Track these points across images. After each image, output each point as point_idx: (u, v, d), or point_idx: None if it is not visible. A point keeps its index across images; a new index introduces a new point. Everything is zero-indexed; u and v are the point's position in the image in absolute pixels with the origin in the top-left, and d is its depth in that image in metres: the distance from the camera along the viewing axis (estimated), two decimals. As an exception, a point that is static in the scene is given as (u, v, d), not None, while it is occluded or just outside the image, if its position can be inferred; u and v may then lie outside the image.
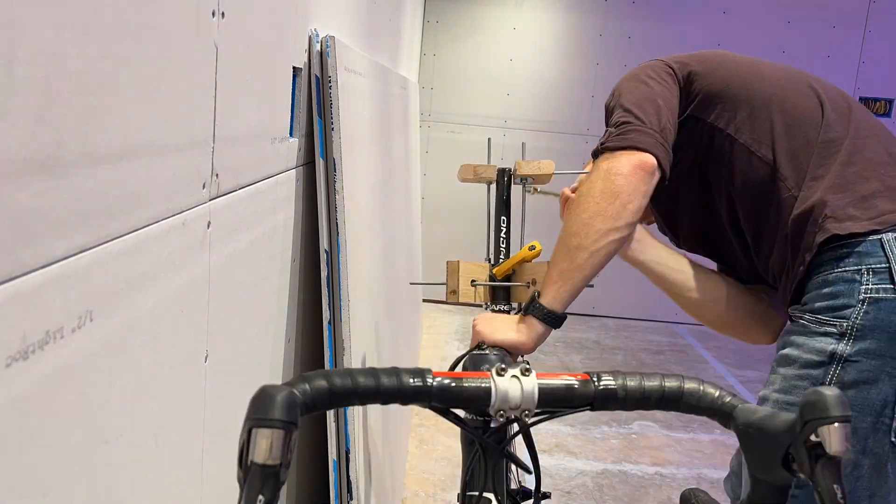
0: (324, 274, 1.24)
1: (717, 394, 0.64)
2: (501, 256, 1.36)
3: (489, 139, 1.67)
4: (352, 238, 1.31)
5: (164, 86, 0.66)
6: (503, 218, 1.38)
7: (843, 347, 0.99)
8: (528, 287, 1.28)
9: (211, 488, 0.89)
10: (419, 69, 4.71)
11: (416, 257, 3.36)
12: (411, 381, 0.63)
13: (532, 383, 0.64)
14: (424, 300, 4.63)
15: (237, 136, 0.90)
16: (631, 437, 3.04)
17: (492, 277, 1.32)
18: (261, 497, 0.53)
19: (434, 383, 0.63)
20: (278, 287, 1.16)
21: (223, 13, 0.81)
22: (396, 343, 2.18)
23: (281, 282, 1.17)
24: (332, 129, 1.22)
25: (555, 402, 0.65)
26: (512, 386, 0.64)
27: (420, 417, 3.13)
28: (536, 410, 0.65)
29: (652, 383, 0.66)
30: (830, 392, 0.54)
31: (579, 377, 0.66)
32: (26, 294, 0.47)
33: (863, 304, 0.99)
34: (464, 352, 1.09)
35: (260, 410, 0.52)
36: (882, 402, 0.98)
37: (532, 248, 1.28)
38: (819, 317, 1.02)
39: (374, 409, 1.58)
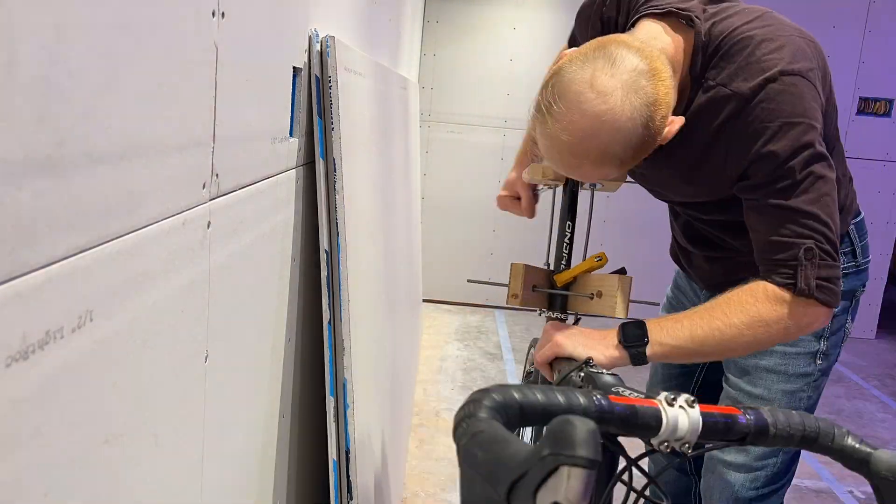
0: (324, 274, 1.24)
1: (849, 438, 0.67)
2: (563, 264, 1.32)
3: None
4: (352, 238, 1.31)
5: (164, 86, 0.66)
6: (568, 223, 1.34)
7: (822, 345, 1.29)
8: (592, 298, 1.24)
9: (211, 488, 0.89)
10: (419, 69, 4.70)
11: (416, 257, 3.36)
12: (587, 402, 0.60)
13: (697, 415, 0.63)
14: (424, 300, 4.63)
15: (237, 136, 0.90)
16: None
17: (552, 284, 1.29)
18: None
19: (615, 408, 0.60)
20: (278, 287, 1.16)
21: (223, 13, 0.81)
22: (397, 343, 2.18)
23: (281, 282, 1.17)
24: (332, 129, 1.22)
25: (713, 435, 0.64)
26: (681, 416, 0.62)
27: (420, 417, 3.13)
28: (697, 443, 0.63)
29: (796, 421, 0.66)
30: None
31: (734, 411, 0.65)
32: (26, 294, 0.47)
33: (843, 279, 1.16)
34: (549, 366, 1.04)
35: (569, 445, 0.43)
36: (839, 341, 1.33)
37: (599, 258, 1.25)
38: None
39: (375, 410, 1.58)
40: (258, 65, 0.97)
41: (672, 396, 0.63)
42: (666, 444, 0.63)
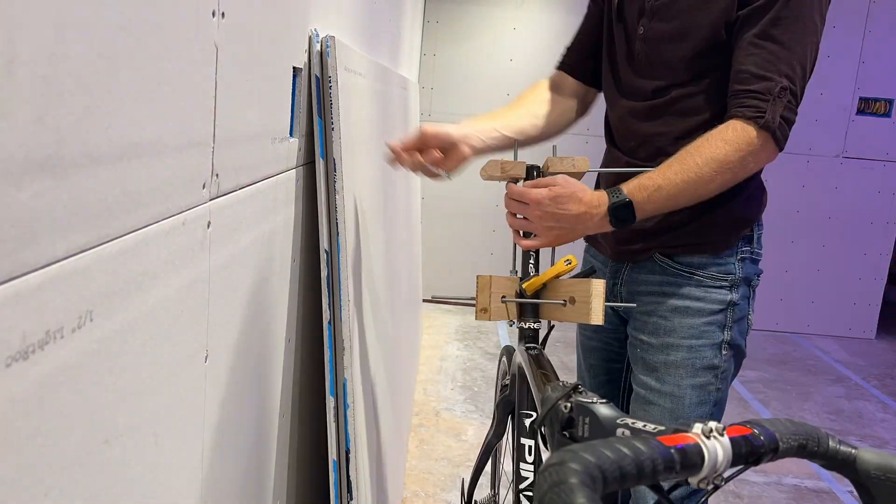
0: (324, 274, 1.24)
1: (831, 441, 0.67)
2: (531, 269, 1.26)
3: (515, 147, 1.55)
4: (352, 238, 1.31)
5: (164, 86, 0.66)
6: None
7: (732, 296, 1.31)
8: (565, 305, 1.19)
9: (211, 488, 0.89)
10: (419, 69, 4.70)
11: (416, 257, 3.36)
12: (650, 451, 0.55)
13: (727, 442, 0.60)
14: (425, 300, 4.63)
15: (237, 136, 0.90)
16: (631, 437, 3.03)
17: (521, 293, 1.22)
18: None
19: (670, 451, 0.56)
20: (278, 287, 1.16)
21: (223, 13, 0.81)
22: (396, 343, 2.18)
23: (281, 282, 1.17)
24: (332, 129, 1.22)
25: (738, 460, 0.61)
26: (717, 447, 0.59)
27: (420, 417, 3.13)
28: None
29: (792, 430, 0.65)
30: None
31: (746, 431, 0.63)
32: (26, 294, 0.47)
33: (739, 263, 1.32)
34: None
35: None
36: (744, 331, 1.35)
37: (568, 262, 1.18)
38: (714, 274, 1.30)
39: (375, 410, 1.58)
40: (258, 65, 0.97)
41: (708, 428, 0.59)
42: (706, 479, 0.58)
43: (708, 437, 0.59)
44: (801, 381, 4.07)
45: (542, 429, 0.91)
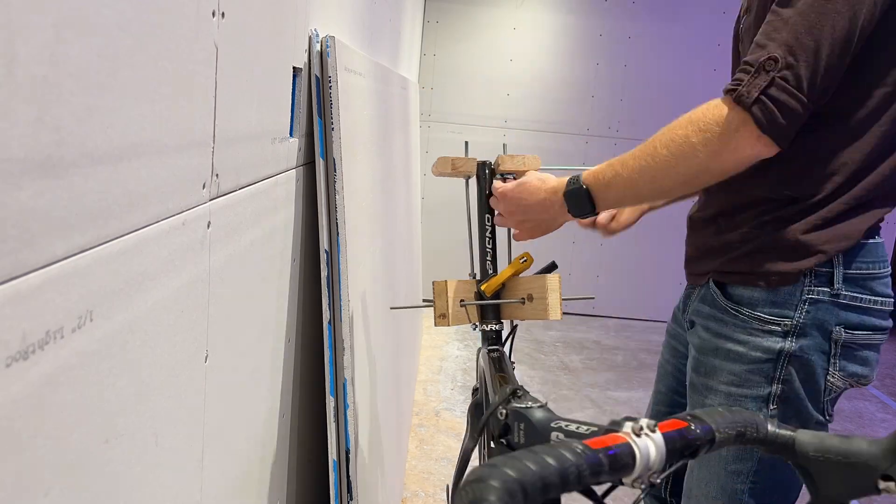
0: (324, 274, 1.24)
1: (770, 425, 0.67)
2: (489, 269, 1.24)
3: (466, 142, 1.48)
4: (352, 238, 1.31)
5: (164, 86, 0.66)
6: (487, 216, 1.25)
7: (787, 344, 1.05)
8: (523, 303, 1.17)
9: (211, 488, 0.89)
10: (419, 69, 4.71)
11: (416, 257, 3.36)
12: (575, 458, 0.53)
13: (660, 439, 0.58)
14: (425, 300, 4.63)
15: (237, 136, 0.90)
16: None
17: (480, 295, 1.20)
18: None
19: (598, 455, 0.55)
20: (278, 287, 1.16)
21: (223, 13, 0.81)
22: (396, 343, 2.18)
23: (281, 282, 1.17)
24: (332, 129, 1.22)
25: (673, 456, 0.60)
26: (650, 445, 0.57)
27: (420, 417, 3.13)
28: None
29: (729, 419, 0.65)
30: None
31: (681, 424, 0.62)
32: (26, 294, 0.47)
33: (804, 304, 1.04)
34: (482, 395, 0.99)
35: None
36: (818, 391, 1.07)
37: (524, 259, 1.18)
38: (762, 315, 1.06)
39: (375, 410, 1.58)
40: (258, 65, 0.97)
41: (638, 426, 0.57)
42: (640, 479, 0.56)
43: (639, 436, 0.57)
44: (801, 381, 4.07)
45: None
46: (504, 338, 1.22)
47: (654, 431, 0.58)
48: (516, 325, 1.23)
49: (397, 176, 2.37)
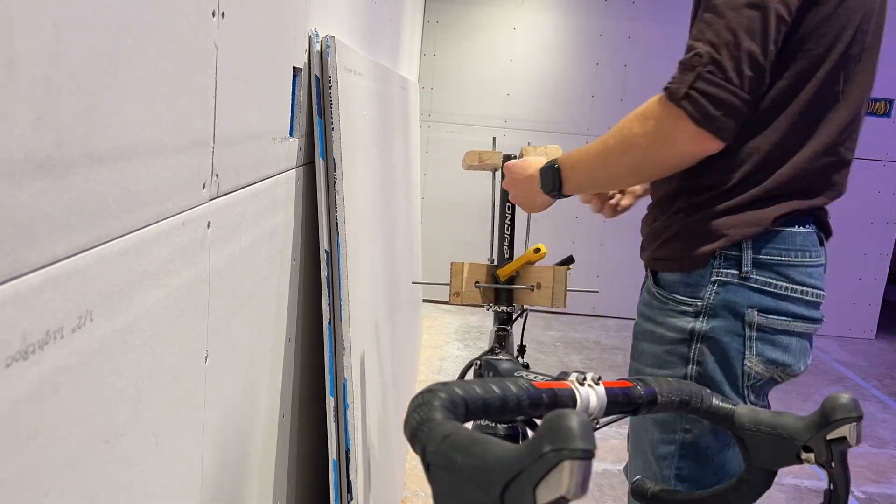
0: (324, 274, 1.24)
1: (714, 398, 0.74)
2: (506, 255, 1.34)
3: (494, 138, 1.66)
4: (352, 238, 1.31)
5: (164, 86, 0.66)
6: (508, 205, 1.35)
7: (699, 325, 1.08)
8: (532, 290, 1.27)
9: (211, 488, 0.89)
10: (419, 69, 4.71)
11: (416, 257, 3.36)
12: (525, 390, 0.63)
13: (603, 391, 0.66)
14: (424, 300, 4.63)
15: (237, 136, 0.90)
16: (631, 437, 3.04)
17: (495, 279, 1.30)
18: None
19: (542, 394, 0.64)
20: (278, 287, 1.16)
21: (223, 13, 0.81)
22: (396, 343, 2.18)
23: (281, 282, 1.17)
24: (332, 129, 1.22)
25: (614, 408, 0.68)
26: (591, 395, 0.66)
27: (420, 417, 3.12)
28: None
29: (675, 388, 0.72)
30: (848, 396, 0.68)
31: (628, 384, 0.70)
32: (26, 294, 0.47)
33: (713, 286, 1.08)
34: (471, 357, 1.09)
35: (569, 439, 0.43)
36: (734, 375, 1.09)
37: (537, 250, 1.26)
38: (677, 297, 1.10)
39: (375, 410, 1.58)
40: (258, 65, 0.97)
41: (582, 376, 0.66)
42: None
43: (581, 385, 0.65)
44: (801, 381, 4.07)
45: None
46: (513, 320, 1.34)
47: (597, 384, 0.66)
48: (526, 310, 1.33)
49: (397, 176, 2.37)
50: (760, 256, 1.07)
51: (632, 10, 4.67)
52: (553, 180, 1.13)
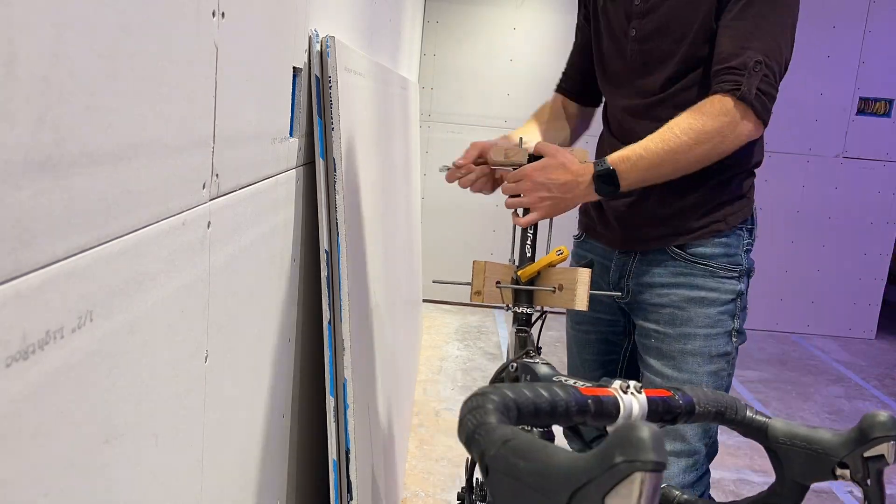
0: (324, 274, 1.24)
1: (748, 411, 0.75)
2: (528, 257, 1.34)
3: (521, 139, 1.61)
4: (352, 238, 1.31)
5: (164, 86, 0.66)
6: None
7: (741, 286, 1.37)
8: (554, 292, 1.28)
9: (211, 488, 0.89)
10: (419, 69, 4.70)
11: (416, 257, 3.36)
12: (573, 396, 0.63)
13: (644, 400, 0.67)
14: (424, 300, 4.63)
15: (237, 136, 0.90)
16: (631, 437, 3.04)
17: (516, 280, 1.31)
18: None
19: (588, 400, 0.64)
20: (278, 287, 1.16)
21: (223, 13, 0.81)
22: (397, 343, 2.18)
23: (281, 282, 1.17)
24: (332, 129, 1.22)
25: (654, 417, 0.68)
26: (634, 403, 0.66)
27: (420, 417, 3.13)
28: None
29: (711, 398, 0.72)
30: (887, 415, 0.69)
31: (666, 393, 0.70)
32: (26, 294, 0.47)
33: (746, 254, 1.38)
34: (506, 360, 1.10)
35: (641, 450, 0.42)
36: (745, 318, 1.40)
37: (559, 252, 1.27)
38: (725, 265, 1.35)
39: (375, 410, 1.58)
40: (258, 65, 0.97)
41: (626, 385, 0.66)
42: None
43: (625, 392, 0.65)
44: (801, 381, 4.07)
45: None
46: (532, 322, 1.34)
47: (639, 392, 0.66)
48: (545, 312, 1.34)
49: (397, 176, 2.37)
50: (756, 227, 1.41)
51: (632, 10, 4.67)
52: (613, 182, 1.23)
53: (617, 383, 0.66)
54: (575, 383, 0.68)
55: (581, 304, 1.24)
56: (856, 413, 3.66)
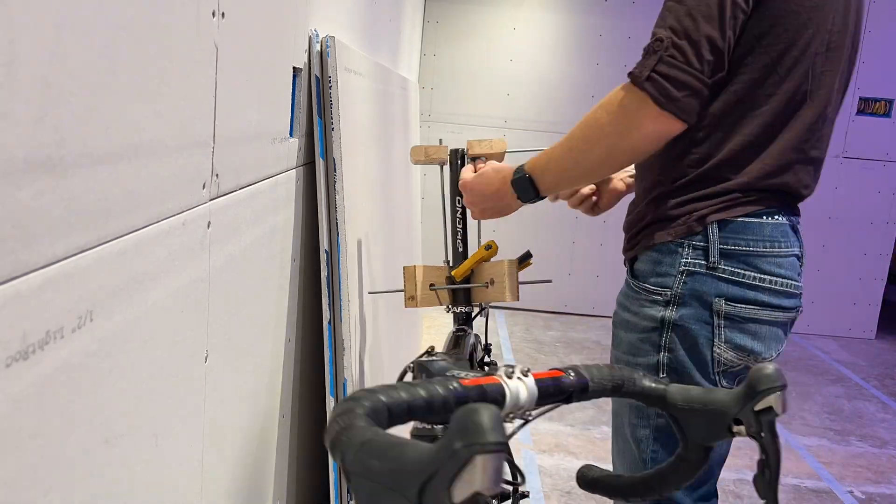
0: (324, 274, 1.24)
1: (646, 380, 0.76)
2: (460, 249, 1.36)
3: (440, 139, 1.60)
4: (352, 238, 1.31)
5: (164, 86, 0.66)
6: (458, 199, 1.36)
7: (669, 313, 1.11)
8: (487, 287, 1.27)
9: (211, 488, 0.89)
10: (419, 69, 4.71)
11: (415, 257, 3.36)
12: (452, 389, 0.64)
13: (532, 383, 0.67)
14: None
15: (237, 136, 0.90)
16: (631, 437, 3.04)
17: (450, 280, 1.31)
18: None
19: (469, 392, 0.65)
20: (278, 287, 1.16)
21: (223, 13, 0.81)
22: (396, 343, 2.18)
23: (281, 282, 1.17)
24: (332, 129, 1.22)
25: (546, 399, 0.69)
26: (521, 388, 0.66)
27: (420, 417, 3.12)
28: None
29: (606, 374, 0.73)
30: (773, 367, 0.68)
31: (558, 374, 0.70)
32: (26, 294, 0.47)
33: (682, 276, 1.10)
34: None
35: (479, 433, 0.44)
36: (704, 362, 1.11)
37: (488, 247, 1.26)
38: (648, 286, 1.13)
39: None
40: (258, 65, 0.97)
41: (511, 369, 0.67)
42: (511, 414, 0.66)
43: (510, 378, 0.66)
44: (801, 381, 4.07)
45: None
46: (472, 318, 1.35)
47: (526, 376, 0.67)
48: (485, 307, 1.35)
49: (397, 176, 2.37)
50: (728, 247, 1.09)
51: (632, 10, 4.67)
52: (529, 188, 1.14)
53: (502, 370, 0.66)
54: (466, 376, 0.69)
55: (511, 295, 1.24)
56: (856, 413, 3.66)
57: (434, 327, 4.38)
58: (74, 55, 0.50)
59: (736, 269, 1.09)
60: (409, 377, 1.22)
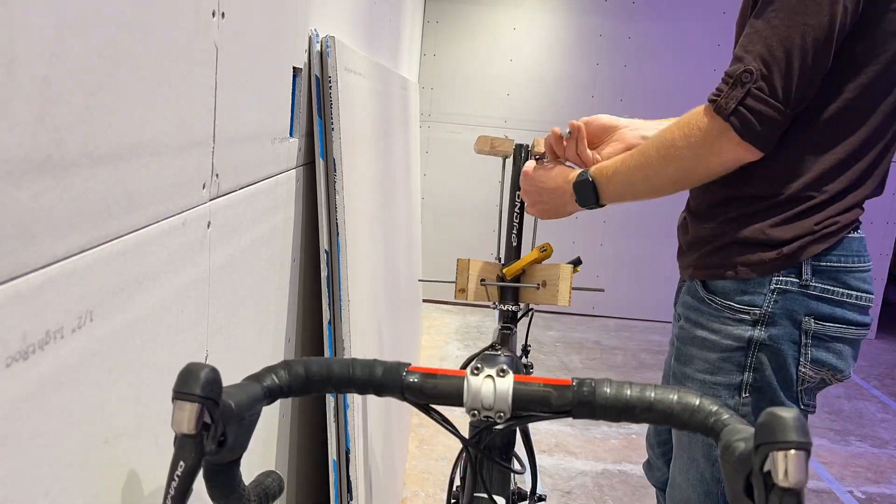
0: (324, 274, 1.24)
1: (709, 409, 0.58)
2: (514, 244, 1.35)
3: (505, 134, 1.62)
4: (352, 238, 1.31)
5: (164, 86, 0.66)
6: (517, 205, 1.37)
7: (756, 333, 1.08)
8: (538, 288, 1.27)
9: (211, 488, 0.89)
10: (419, 69, 4.71)
11: (416, 257, 3.36)
12: (385, 373, 0.65)
13: (506, 385, 0.64)
14: (424, 300, 4.63)
15: (237, 136, 0.90)
16: (631, 437, 3.04)
17: (501, 277, 1.31)
18: (181, 462, 0.54)
19: (408, 378, 0.65)
20: (278, 287, 1.16)
21: (223, 13, 0.81)
22: (397, 343, 2.18)
23: (281, 282, 1.17)
24: (332, 129, 1.22)
25: (531, 406, 0.64)
26: (485, 386, 0.64)
27: (420, 417, 3.13)
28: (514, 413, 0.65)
29: (634, 393, 0.61)
30: (786, 413, 0.47)
31: (560, 383, 0.64)
32: (26, 294, 0.47)
33: (772, 294, 1.07)
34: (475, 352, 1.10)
35: (182, 385, 0.53)
36: (789, 380, 1.09)
37: (543, 249, 1.27)
38: (733, 305, 1.09)
39: (375, 410, 1.58)
40: (258, 65, 0.97)
41: (479, 366, 0.65)
42: (475, 412, 0.64)
43: (476, 375, 0.64)
44: (801, 381, 4.07)
45: None
46: (518, 319, 1.34)
47: (501, 376, 0.64)
48: (531, 308, 1.34)
49: (397, 176, 2.37)
50: (821, 264, 1.06)
51: (632, 10, 4.67)
52: (591, 194, 1.13)
53: (471, 366, 0.66)
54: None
55: (563, 300, 1.24)
56: (856, 413, 3.66)
57: (434, 327, 4.38)
58: (74, 55, 0.50)
59: (826, 286, 1.07)
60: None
